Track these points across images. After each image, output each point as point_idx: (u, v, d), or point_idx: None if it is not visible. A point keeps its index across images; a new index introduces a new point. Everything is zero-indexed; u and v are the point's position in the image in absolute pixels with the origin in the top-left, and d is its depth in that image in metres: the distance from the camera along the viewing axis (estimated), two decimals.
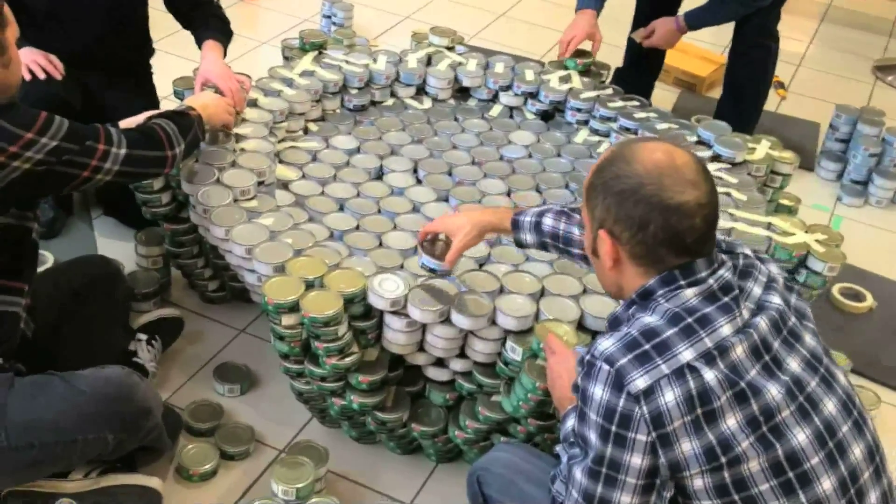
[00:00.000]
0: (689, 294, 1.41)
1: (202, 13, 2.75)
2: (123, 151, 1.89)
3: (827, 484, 1.39)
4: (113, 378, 1.85)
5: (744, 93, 3.53)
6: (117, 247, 2.67)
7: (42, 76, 2.54)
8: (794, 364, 1.44)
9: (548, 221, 1.87)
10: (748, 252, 1.54)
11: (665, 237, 1.39)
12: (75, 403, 1.79)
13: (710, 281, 1.42)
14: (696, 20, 3.27)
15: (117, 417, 1.84)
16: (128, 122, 2.09)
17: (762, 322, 1.42)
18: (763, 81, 3.54)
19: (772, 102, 3.82)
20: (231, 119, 2.37)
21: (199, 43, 2.68)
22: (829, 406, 1.44)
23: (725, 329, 1.39)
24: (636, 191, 1.39)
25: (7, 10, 1.79)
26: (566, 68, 3.01)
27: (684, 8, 3.36)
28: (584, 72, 2.98)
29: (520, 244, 1.96)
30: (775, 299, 1.47)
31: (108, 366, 1.91)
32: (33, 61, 2.54)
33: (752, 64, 3.49)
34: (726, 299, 1.42)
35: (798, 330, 1.48)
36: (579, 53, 3.05)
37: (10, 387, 1.78)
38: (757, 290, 1.48)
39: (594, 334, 1.98)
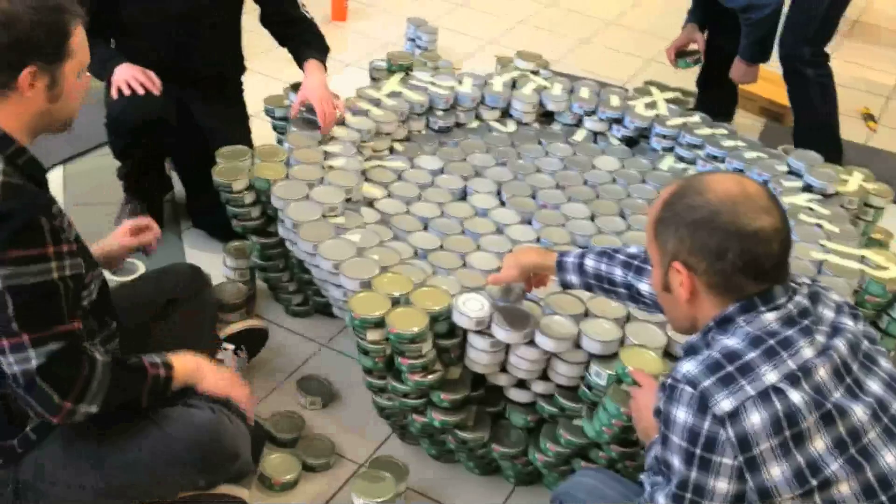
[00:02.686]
0: (770, 318, 1.40)
1: (300, 30, 2.81)
2: (31, 366, 1.61)
3: None
4: (204, 424, 1.85)
5: (807, 124, 3.48)
6: (205, 259, 2.72)
7: (141, 92, 2.59)
8: (874, 385, 1.42)
9: (590, 263, 1.87)
10: (807, 280, 1.53)
11: (743, 264, 1.38)
12: (170, 450, 1.81)
13: (790, 306, 1.41)
14: (746, 52, 3.30)
15: (208, 462, 1.86)
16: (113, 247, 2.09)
17: (840, 344, 1.41)
18: (809, 108, 3.48)
19: (861, 134, 3.75)
20: (226, 392, 1.95)
21: (301, 60, 2.74)
22: None
23: (807, 351, 1.38)
24: (711, 220, 1.39)
25: (73, 42, 1.71)
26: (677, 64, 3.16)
27: None
28: (672, 100, 2.97)
29: (565, 285, 1.94)
30: (849, 322, 1.46)
31: (197, 406, 1.90)
32: (132, 77, 2.59)
33: (792, 91, 3.46)
34: (806, 322, 1.41)
35: (872, 353, 1.47)
36: (688, 53, 3.08)
37: (101, 437, 1.80)
38: (829, 314, 1.46)
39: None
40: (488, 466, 2.28)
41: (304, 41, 2.78)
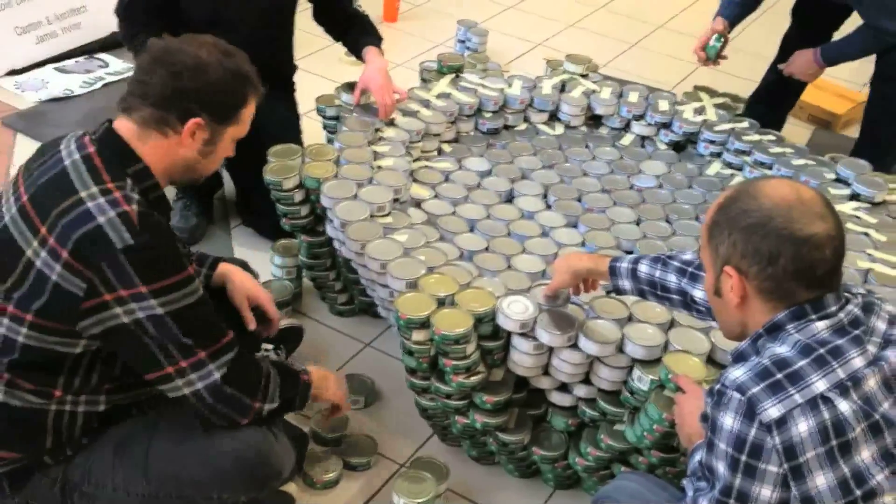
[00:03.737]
0: (820, 326, 1.40)
1: (355, 23, 2.87)
2: (215, 378, 1.70)
3: None
4: (251, 441, 1.83)
5: (881, 130, 3.43)
6: (253, 256, 2.75)
7: None
8: None
9: (643, 269, 1.87)
10: (863, 291, 1.52)
11: (795, 270, 1.38)
12: (216, 465, 1.81)
13: (841, 315, 1.41)
14: (833, 54, 3.20)
15: (252, 480, 1.85)
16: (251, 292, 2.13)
17: (892, 356, 1.41)
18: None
19: None
20: (342, 400, 2.10)
21: (359, 48, 2.78)
22: None
23: (857, 361, 1.37)
24: (764, 224, 1.39)
25: (245, 111, 1.79)
26: (706, 52, 3.14)
27: None
28: (720, 105, 2.95)
29: (618, 291, 1.95)
30: None
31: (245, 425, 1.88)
32: None
33: (890, 101, 3.39)
34: (857, 332, 1.40)
35: None
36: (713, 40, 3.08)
37: (153, 430, 1.82)
38: (881, 326, 1.45)
39: (723, 368, 1.96)
40: (528, 469, 2.29)
41: (362, 32, 2.83)
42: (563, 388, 2.13)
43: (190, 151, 1.75)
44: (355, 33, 2.84)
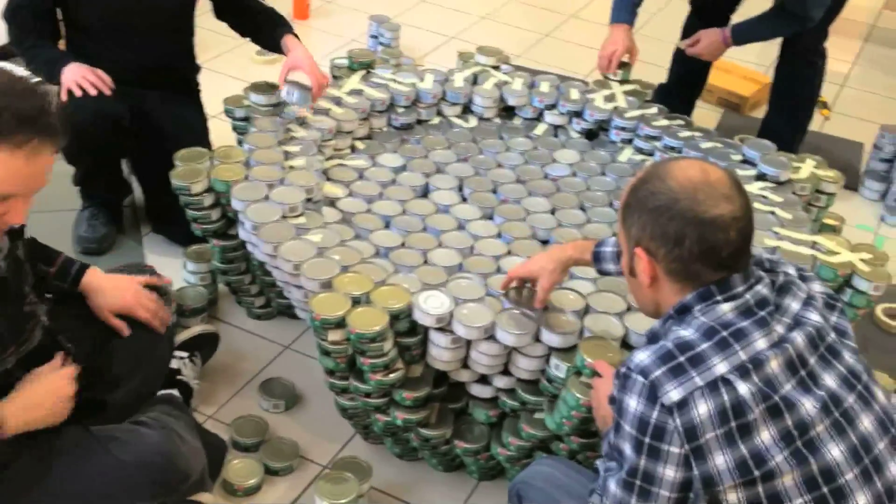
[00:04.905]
0: (725, 308, 1.42)
1: (264, 17, 2.83)
2: None
3: (862, 500, 1.39)
4: (154, 446, 1.81)
5: (790, 111, 3.51)
6: (165, 264, 2.70)
7: (93, 92, 2.53)
8: (830, 380, 1.44)
9: None
10: (791, 270, 1.55)
11: (700, 251, 1.41)
12: (121, 475, 1.78)
13: (747, 296, 1.43)
14: (743, 35, 3.23)
15: (161, 484, 1.83)
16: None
17: (798, 337, 1.43)
18: (809, 99, 3.52)
19: (815, 122, 3.79)
20: (65, 410, 1.84)
21: (277, 40, 2.75)
22: (866, 422, 1.43)
23: (760, 343, 1.40)
24: (671, 207, 1.41)
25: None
26: (607, 78, 3.04)
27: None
28: (630, 92, 2.99)
29: (604, 274, 1.96)
30: (813, 316, 1.47)
31: (145, 426, 1.87)
32: (82, 77, 2.54)
33: (799, 81, 3.47)
34: (763, 314, 1.42)
35: (837, 347, 1.48)
36: (620, 65, 3.07)
37: (49, 462, 1.76)
38: (795, 306, 1.48)
39: None
40: (452, 463, 2.29)
41: (275, 24, 2.80)
42: (483, 380, 2.13)
43: None
44: (268, 27, 2.80)
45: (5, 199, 1.60)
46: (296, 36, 2.76)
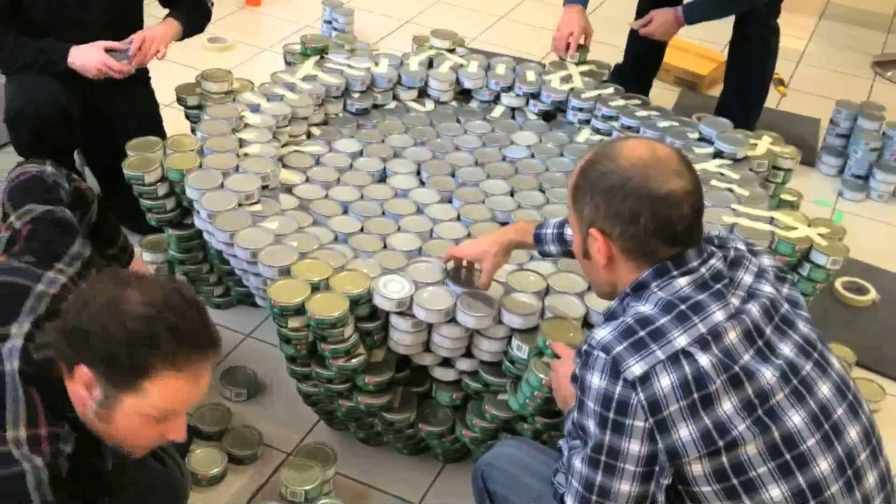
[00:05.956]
0: (682, 283, 1.43)
1: (193, 3, 2.88)
2: None
3: (824, 465, 1.41)
4: (162, 484, 1.73)
5: (745, 88, 3.54)
6: None
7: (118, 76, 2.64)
8: (787, 349, 1.46)
9: (570, 231, 1.88)
10: (740, 245, 1.57)
11: (655, 228, 1.42)
12: None
13: (702, 270, 1.44)
14: (695, 14, 3.25)
15: None
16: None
17: (754, 308, 1.45)
18: (764, 76, 3.55)
19: (772, 99, 3.83)
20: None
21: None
22: (824, 389, 1.45)
23: (718, 315, 1.41)
24: (623, 185, 1.42)
25: (151, 386, 1.41)
26: (563, 60, 3.04)
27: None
28: (586, 72, 2.99)
29: (545, 255, 1.97)
30: (766, 288, 1.49)
31: (150, 471, 1.75)
32: (104, 65, 2.62)
33: (753, 59, 3.49)
34: (718, 286, 1.44)
35: (791, 317, 1.50)
36: (582, 47, 3.07)
37: None
38: (748, 279, 1.50)
39: None
40: (417, 446, 2.29)
41: (181, 9, 2.85)
42: (446, 363, 2.13)
43: (86, 407, 1.45)
44: (176, 9, 2.86)
45: (165, 419, 1.46)
46: (183, 26, 2.83)
